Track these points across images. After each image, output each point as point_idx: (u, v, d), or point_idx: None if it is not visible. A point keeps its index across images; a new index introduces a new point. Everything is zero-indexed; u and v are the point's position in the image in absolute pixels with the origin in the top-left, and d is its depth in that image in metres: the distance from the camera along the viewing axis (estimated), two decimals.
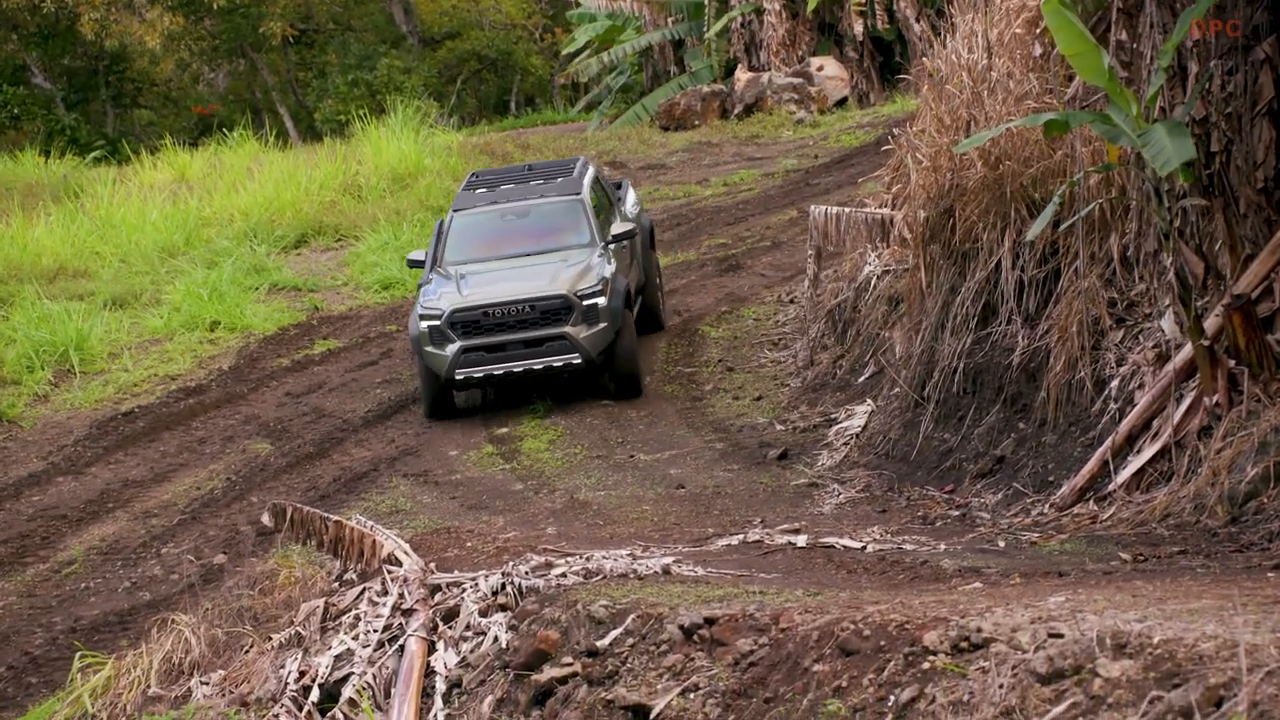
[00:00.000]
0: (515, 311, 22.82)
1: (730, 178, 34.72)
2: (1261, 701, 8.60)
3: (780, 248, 30.22)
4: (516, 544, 18.91)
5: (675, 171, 36.17)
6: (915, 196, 22.60)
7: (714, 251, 30.48)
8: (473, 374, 23.15)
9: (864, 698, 12.00)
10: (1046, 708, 10.31)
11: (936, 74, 22.99)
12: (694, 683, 13.66)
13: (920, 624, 12.37)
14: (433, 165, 37.53)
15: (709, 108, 38.47)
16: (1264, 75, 17.83)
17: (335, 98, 54.11)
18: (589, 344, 22.91)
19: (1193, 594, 12.82)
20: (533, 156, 38.52)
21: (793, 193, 32.71)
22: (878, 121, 35.39)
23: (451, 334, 22.96)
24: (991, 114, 21.26)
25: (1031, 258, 20.72)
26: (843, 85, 38.21)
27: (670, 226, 32.43)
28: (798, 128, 37.14)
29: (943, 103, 22.43)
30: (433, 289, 23.43)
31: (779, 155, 35.54)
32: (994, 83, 21.56)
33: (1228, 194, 18.16)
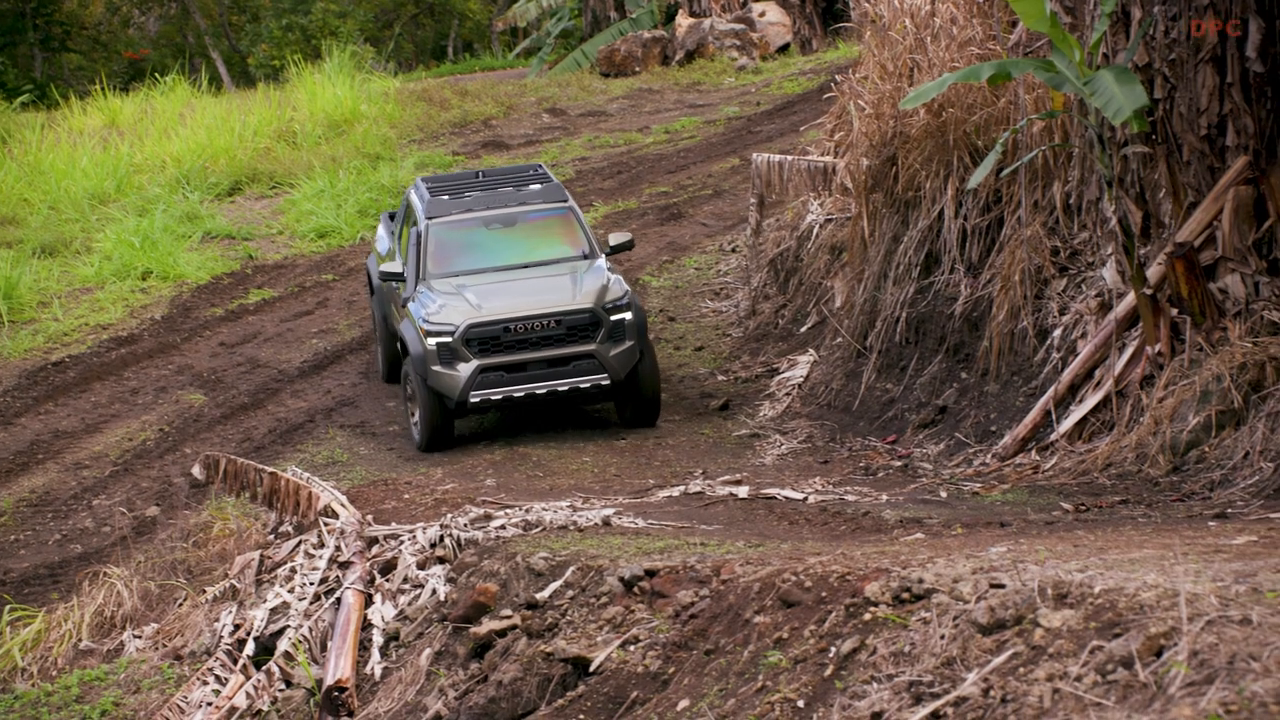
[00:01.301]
0: (539, 327, 20.39)
1: (672, 125, 34.68)
2: (1201, 650, 8.68)
3: (722, 196, 30.22)
4: (455, 496, 18.91)
5: (616, 119, 36.10)
6: (858, 144, 22.62)
7: (655, 200, 30.47)
8: (490, 396, 20.50)
9: (805, 649, 12.05)
10: (987, 658, 10.38)
11: (879, 20, 22.99)
12: (634, 635, 13.71)
13: (862, 575, 12.42)
14: (369, 112, 37.38)
15: (650, 54, 38.41)
16: (1208, 20, 17.90)
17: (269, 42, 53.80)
18: (617, 363, 20.52)
19: (1134, 544, 12.92)
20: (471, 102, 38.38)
21: (735, 140, 32.70)
22: (820, 68, 35.39)
23: (466, 352, 20.38)
24: (935, 60, 21.28)
25: (974, 206, 20.78)
26: (785, 31, 38.19)
27: (611, 175, 32.38)
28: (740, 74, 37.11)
29: (886, 49, 22.44)
30: (432, 303, 20.74)
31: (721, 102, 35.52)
32: (937, 29, 21.58)
33: (1170, 141, 18.25)
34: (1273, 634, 8.65)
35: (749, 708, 11.80)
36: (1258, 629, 8.83)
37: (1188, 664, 8.55)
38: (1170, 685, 8.41)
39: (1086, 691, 9.11)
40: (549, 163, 33.43)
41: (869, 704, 10.68)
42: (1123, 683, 9.02)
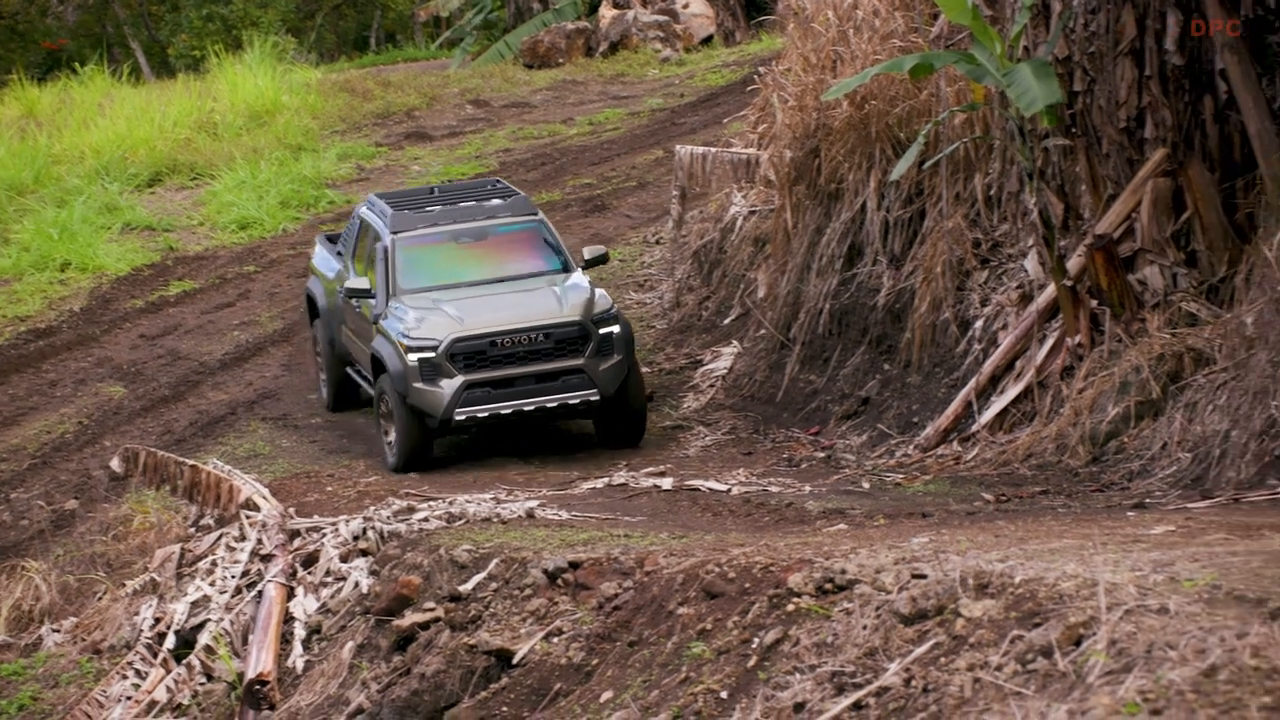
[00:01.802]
0: (526, 340, 19.44)
1: (595, 117, 34.66)
2: (1120, 639, 8.75)
3: (646, 188, 30.22)
4: (378, 488, 18.88)
5: (540, 110, 36.05)
6: (781, 136, 22.67)
7: (579, 192, 30.46)
8: (476, 414, 19.37)
9: (729, 640, 12.08)
10: (909, 648, 10.43)
11: (802, 12, 23.04)
12: (558, 627, 13.72)
13: (785, 566, 12.46)
14: (291, 103, 37.20)
15: (573, 46, 38.36)
16: (1126, 14, 18.04)
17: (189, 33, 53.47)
18: (606, 379, 19.57)
19: (1054, 534, 13.01)
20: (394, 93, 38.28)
21: (658, 132, 32.71)
22: (744, 60, 35.44)
23: (451, 367, 19.27)
24: (857, 52, 21.34)
25: (897, 198, 20.86)
26: (708, 23, 38.23)
27: (535, 167, 32.33)
28: (663, 66, 37.13)
29: (809, 41, 22.49)
30: (409, 318, 19.66)
31: (644, 94, 35.52)
32: (860, 21, 21.64)
33: (1090, 133, 18.38)
34: (1190, 623, 8.73)
35: (672, 699, 11.82)
36: (1175, 618, 8.90)
37: (1106, 653, 8.62)
38: (1089, 674, 8.47)
39: (1007, 681, 9.17)
40: (472, 154, 33.38)
41: (791, 694, 10.72)
42: (1042, 672, 9.08)
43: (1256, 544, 11.47)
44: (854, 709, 10.05)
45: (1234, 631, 8.34)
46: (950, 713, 9.31)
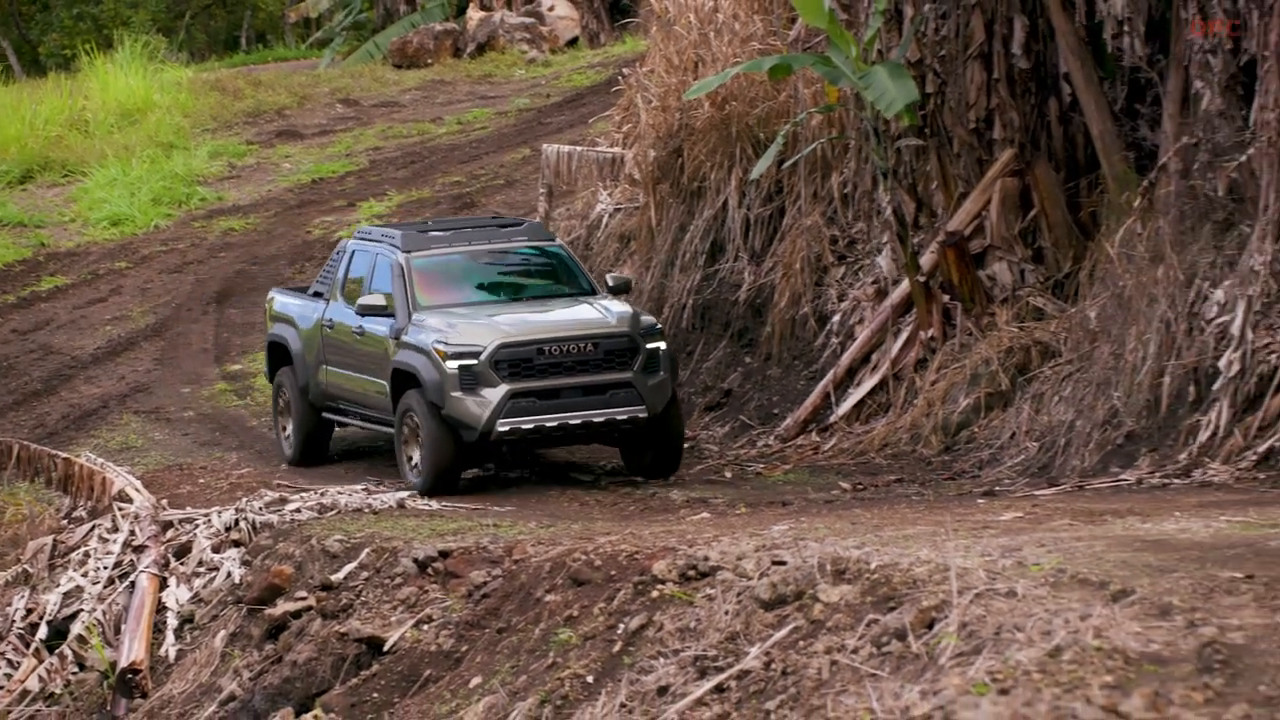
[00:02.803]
0: (575, 350, 17.39)
1: (464, 116, 34.54)
2: (970, 622, 8.86)
3: (514, 186, 30.14)
4: (250, 480, 18.75)
5: (409, 109, 35.87)
6: (645, 136, 22.72)
7: (448, 189, 30.33)
8: (520, 425, 17.22)
9: (595, 626, 12.11)
10: (769, 632, 10.49)
11: (665, 15, 23.11)
12: (428, 614, 13.70)
13: (650, 554, 12.51)
14: (163, 101, 36.80)
15: (442, 46, 38.20)
16: (975, 19, 18.26)
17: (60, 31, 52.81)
18: (653, 396, 17.43)
19: (908, 520, 13.15)
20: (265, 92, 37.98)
21: (526, 131, 32.65)
22: (608, 61, 35.44)
23: (495, 375, 17.14)
24: (718, 55, 21.43)
25: (757, 196, 20.98)
26: (574, 25, 38.21)
27: (405, 165, 32.18)
28: (530, 67, 37.06)
29: (671, 43, 22.56)
30: (445, 326, 17.53)
31: (512, 94, 35.44)
32: (720, 24, 21.74)
33: (941, 134, 18.58)
34: (1036, 605, 8.85)
35: (540, 684, 11.84)
36: (1022, 601, 9.02)
37: (957, 635, 8.72)
38: (941, 656, 8.57)
39: (862, 663, 9.25)
40: (342, 152, 33.19)
41: (655, 678, 10.76)
42: (896, 654, 9.17)
43: (1099, 529, 11.64)
44: (716, 692, 10.10)
45: (1078, 613, 8.47)
46: (808, 694, 9.38)
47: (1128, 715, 6.58)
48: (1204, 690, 7.01)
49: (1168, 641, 7.86)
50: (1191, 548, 10.37)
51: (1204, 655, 7.57)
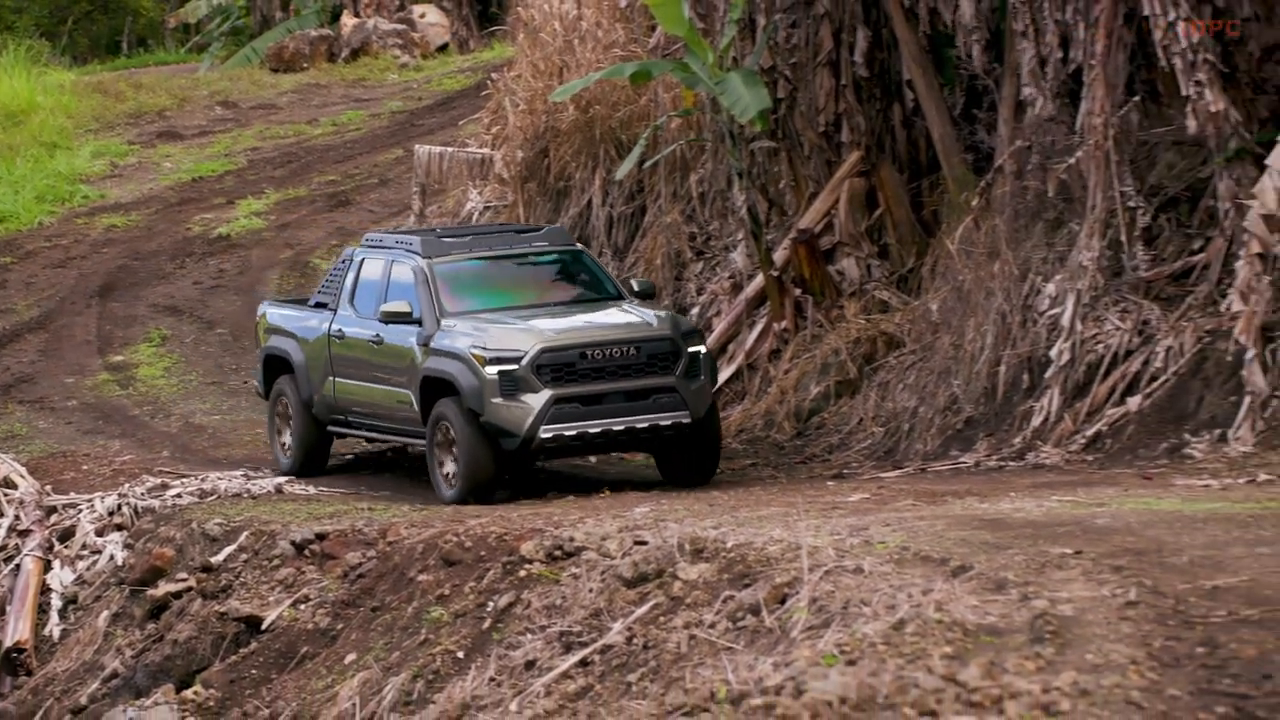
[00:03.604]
0: (618, 354, 15.93)
1: (339, 118, 34.26)
2: (820, 597, 8.92)
3: (388, 185, 29.93)
4: (133, 466, 18.52)
5: (286, 111, 35.55)
6: (513, 138, 22.70)
7: (324, 188, 30.08)
8: (563, 432, 15.72)
9: (465, 604, 12.10)
10: (632, 609, 10.52)
11: (531, 23, 23.09)
12: (305, 594, 13.63)
13: (518, 535, 12.52)
14: (46, 103, 36.21)
15: (317, 51, 37.87)
16: (823, 29, 18.39)
17: None
18: (696, 401, 15.95)
19: (762, 502, 13.23)
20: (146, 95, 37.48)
21: (398, 133, 32.42)
22: (478, 66, 35.27)
23: (537, 381, 15.67)
24: (582, 61, 21.44)
25: (620, 195, 21.03)
26: (444, 32, 37.99)
27: (282, 164, 31.87)
28: (402, 71, 36.82)
29: (537, 50, 22.55)
30: (479, 331, 16.04)
31: (385, 97, 35.20)
32: (584, 32, 21.75)
33: (792, 137, 18.69)
34: (881, 581, 8.93)
35: (413, 659, 11.81)
36: (869, 577, 9.10)
37: (808, 610, 8.77)
38: (793, 629, 8.62)
39: (719, 637, 9.30)
40: (221, 153, 32.84)
41: (523, 653, 10.76)
42: (751, 628, 9.22)
43: (940, 509, 11.77)
44: (581, 665, 10.12)
45: (920, 588, 8.55)
46: (668, 667, 9.42)
47: (965, 684, 6.66)
48: (1036, 659, 7.10)
49: (1003, 614, 7.95)
50: (1025, 526, 10.50)
51: (1036, 626, 7.67)
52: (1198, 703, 6.44)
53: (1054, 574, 8.76)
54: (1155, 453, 13.98)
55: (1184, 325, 14.47)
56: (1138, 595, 8.12)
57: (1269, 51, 14.62)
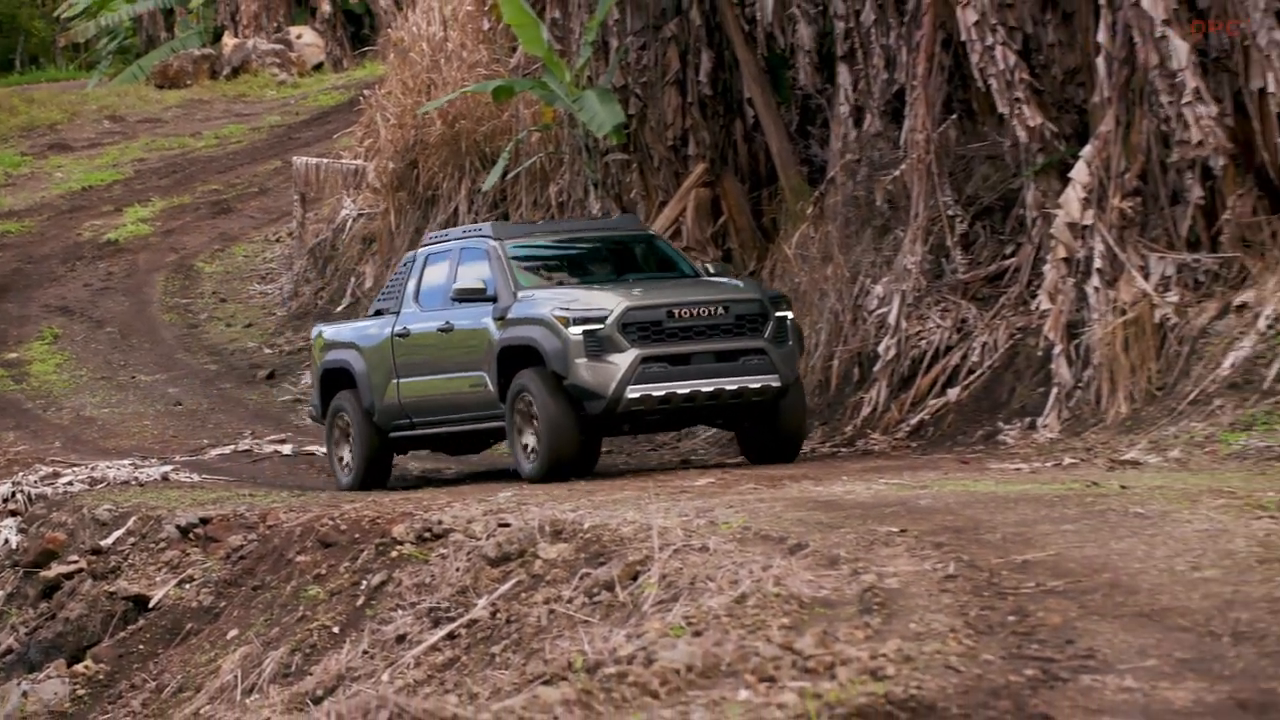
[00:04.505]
0: (706, 314, 14.24)
1: (221, 131, 33.91)
2: (670, 574, 8.94)
3: (267, 193, 29.68)
4: (26, 456, 18.21)
5: (171, 125, 35.14)
6: (384, 150, 22.61)
7: (207, 196, 29.78)
8: (651, 392, 14.03)
9: (341, 583, 12.02)
10: (496, 586, 10.49)
11: (401, 43, 23.01)
12: (190, 575, 13.48)
13: (390, 519, 12.45)
14: None
15: (200, 69, 37.45)
16: (671, 51, 18.45)
17: None
18: (784, 365, 14.26)
19: (617, 487, 13.23)
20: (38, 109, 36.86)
21: (277, 145, 32.16)
22: (351, 84, 35.03)
23: (624, 340, 14.01)
24: (449, 79, 21.40)
25: (485, 203, 20.99)
26: (319, 51, 37.71)
27: (167, 174, 31.51)
28: (280, 88, 36.48)
29: (407, 68, 22.47)
30: (562, 295, 14.46)
31: (264, 112, 34.89)
32: (450, 52, 21.71)
33: (643, 150, 18.74)
34: (725, 558, 8.96)
35: (291, 635, 11.71)
36: (714, 555, 9.13)
37: (658, 585, 8.79)
38: (644, 604, 8.63)
39: (576, 611, 9.29)
40: (110, 163, 32.38)
41: (394, 628, 10.70)
42: (606, 603, 9.22)
43: (779, 492, 11.83)
44: (448, 639, 10.08)
45: (760, 565, 8.59)
46: (529, 639, 9.39)
47: (801, 651, 6.70)
48: (864, 628, 7.15)
49: (835, 587, 8.00)
50: (856, 507, 10.59)
51: (865, 598, 7.73)
52: (1009, 666, 6.52)
53: (881, 550, 8.84)
54: (972, 439, 14.16)
55: (998, 323, 14.66)
56: (956, 569, 8.21)
57: (1071, 74, 14.84)
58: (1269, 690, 5.98)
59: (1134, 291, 13.53)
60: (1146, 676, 6.28)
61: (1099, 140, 13.88)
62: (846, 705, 6.05)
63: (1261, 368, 12.70)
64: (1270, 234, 13.37)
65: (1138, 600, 7.38)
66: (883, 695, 6.15)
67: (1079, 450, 12.94)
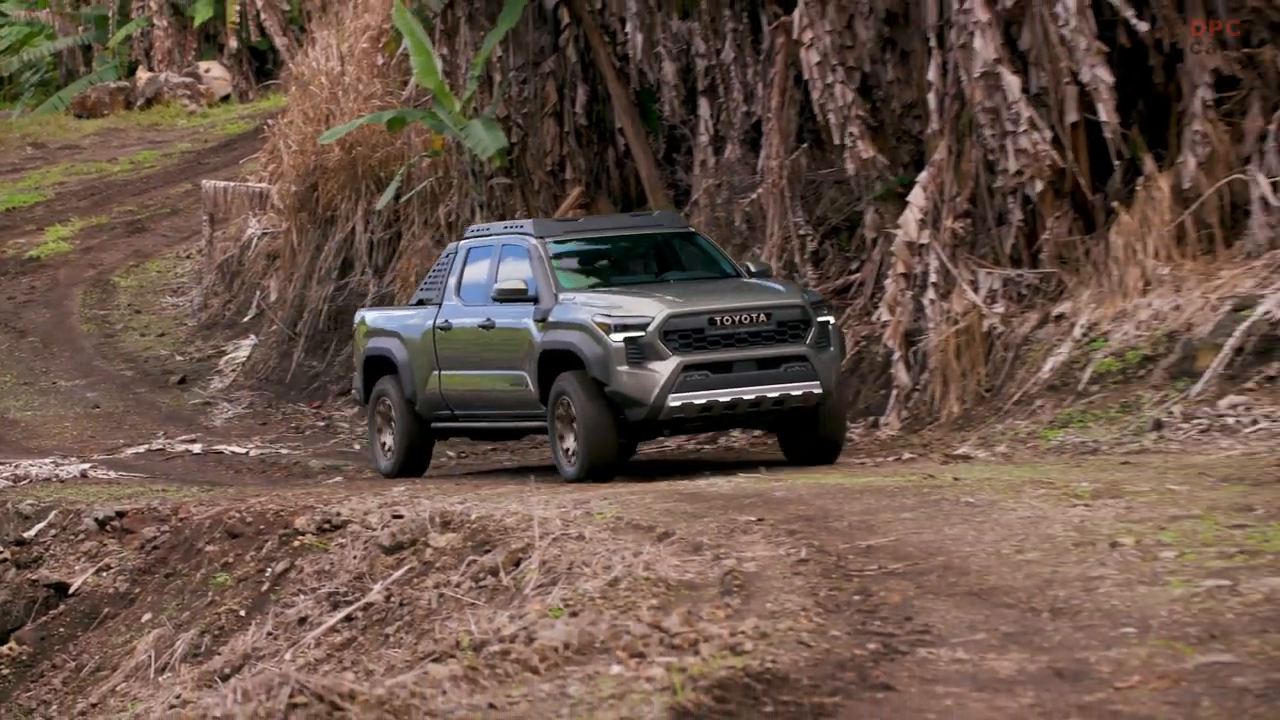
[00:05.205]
0: (748, 320, 12.86)
1: (136, 157, 33.40)
2: (549, 560, 8.92)
3: (179, 214, 29.28)
4: None
5: (89, 151, 34.57)
6: (287, 174, 22.38)
7: (123, 217, 29.31)
8: (693, 400, 12.65)
9: (247, 570, 11.87)
10: (390, 572, 10.42)
11: (302, 77, 22.80)
12: (107, 564, 13.26)
13: (293, 511, 12.31)
14: None
15: (116, 100, 36.88)
16: (549, 85, 18.43)
17: None
18: (826, 372, 12.88)
19: (501, 481, 13.18)
20: None
21: (188, 170, 31.72)
22: (256, 114, 34.62)
23: (665, 347, 12.64)
24: (346, 110, 21.25)
25: (379, 223, 20.87)
26: (226, 84, 37.26)
27: (86, 196, 31.00)
28: (191, 118, 36.00)
29: (307, 100, 22.28)
30: (601, 301, 13.08)
31: (176, 140, 34.41)
32: (347, 85, 21.57)
33: (525, 175, 18.70)
34: (600, 546, 8.95)
35: (201, 618, 11.55)
36: (589, 543, 9.12)
37: (539, 571, 8.76)
38: (526, 587, 8.60)
39: (464, 594, 9.23)
40: (32, 186, 31.77)
41: (297, 611, 10.59)
42: (491, 587, 9.17)
43: (649, 485, 11.84)
44: (346, 621, 9.99)
45: (631, 551, 8.58)
46: (420, 620, 9.33)
47: (668, 630, 6.69)
48: (725, 608, 7.16)
49: (699, 571, 8.02)
50: (718, 498, 10.62)
51: (725, 581, 7.74)
52: (854, 640, 6.55)
53: (740, 538, 8.87)
54: None
55: (844, 332, 14.77)
56: (807, 554, 8.24)
57: (908, 108, 14.99)
58: (1082, 660, 6.05)
59: (965, 303, 13.69)
60: (975, 649, 6.33)
61: (933, 168, 14.05)
62: (709, 678, 6.05)
63: (1077, 371, 12.91)
64: (1084, 252, 13.59)
65: (968, 580, 7.45)
66: (741, 668, 6.15)
67: (917, 446, 13.07)
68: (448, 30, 18.77)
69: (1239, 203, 13.21)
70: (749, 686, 5.95)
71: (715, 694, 5.87)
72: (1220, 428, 11.71)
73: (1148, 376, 12.57)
